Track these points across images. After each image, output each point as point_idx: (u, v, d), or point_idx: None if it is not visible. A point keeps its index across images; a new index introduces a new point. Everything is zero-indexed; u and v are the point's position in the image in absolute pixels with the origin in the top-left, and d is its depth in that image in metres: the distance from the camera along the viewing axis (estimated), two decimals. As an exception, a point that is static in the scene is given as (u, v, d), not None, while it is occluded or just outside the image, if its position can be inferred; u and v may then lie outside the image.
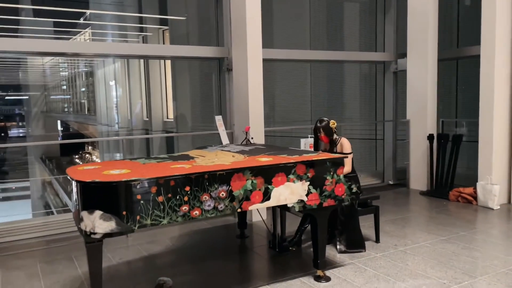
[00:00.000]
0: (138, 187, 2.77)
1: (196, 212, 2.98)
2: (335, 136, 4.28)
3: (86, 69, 29.65)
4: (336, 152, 4.21)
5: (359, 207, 4.39)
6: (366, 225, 4.84)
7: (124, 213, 2.76)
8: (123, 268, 3.95)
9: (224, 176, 3.05)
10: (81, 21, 20.04)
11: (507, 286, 3.37)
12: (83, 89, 31.53)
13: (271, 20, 9.88)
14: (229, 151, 3.99)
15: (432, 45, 6.51)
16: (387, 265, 3.84)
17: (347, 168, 4.15)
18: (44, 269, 3.94)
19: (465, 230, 4.76)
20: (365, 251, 4.20)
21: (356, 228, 4.23)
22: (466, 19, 7.53)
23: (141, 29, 16.80)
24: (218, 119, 4.53)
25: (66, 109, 40.80)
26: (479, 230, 4.81)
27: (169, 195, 2.87)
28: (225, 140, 4.46)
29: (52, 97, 43.19)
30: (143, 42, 16.29)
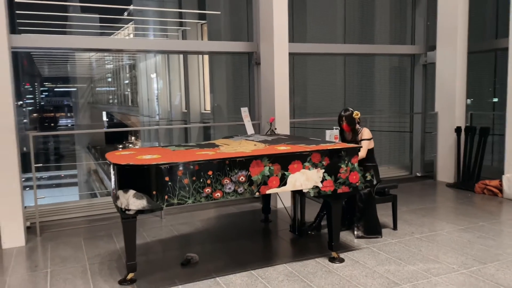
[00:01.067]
0: (166, 170, 3.13)
1: (218, 194, 3.31)
2: (357, 126, 4.49)
3: (129, 62, 30.72)
4: (358, 141, 4.43)
5: (377, 196, 4.59)
6: (385, 213, 5.02)
7: (154, 192, 3.13)
8: (156, 245, 4.35)
9: (243, 162, 3.36)
10: (125, 16, 20.81)
11: (515, 273, 3.51)
12: (126, 81, 32.69)
13: (305, 14, 10.06)
14: (252, 140, 4.30)
15: (461, 37, 6.52)
16: (401, 250, 4.04)
17: (362, 153, 4.36)
18: (87, 243, 4.41)
19: (485, 221, 4.86)
20: (381, 237, 4.40)
21: (373, 215, 4.43)
22: (505, 9, 7.42)
23: (181, 24, 17.32)
24: (244, 111, 4.84)
25: (111, 101, 42.27)
26: (499, 221, 4.89)
27: (194, 178, 3.22)
28: (250, 130, 4.76)
29: (97, 89, 44.98)
30: (182, 36, 16.83)
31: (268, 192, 3.49)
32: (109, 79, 40.77)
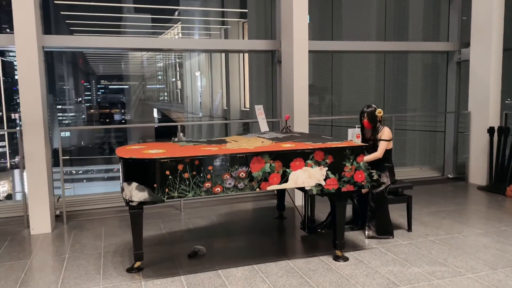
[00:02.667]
0: (166, 164, 3.27)
1: (218, 189, 3.41)
2: (378, 124, 4.43)
3: (177, 61, 31.57)
4: (377, 140, 4.37)
5: (392, 196, 4.51)
6: (403, 214, 4.92)
7: (155, 185, 3.28)
8: (169, 237, 4.53)
9: (243, 159, 3.45)
10: (175, 16, 21.44)
11: (525, 280, 3.36)
12: (173, 79, 33.60)
13: (340, 11, 9.97)
14: (264, 137, 4.37)
15: (497, 34, 6.23)
16: (409, 252, 3.97)
17: (378, 153, 4.31)
18: (107, 232, 4.66)
19: (508, 226, 4.65)
20: (393, 237, 4.34)
21: (385, 216, 4.37)
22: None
23: (223, 23, 17.61)
24: (258, 108, 4.90)
25: (161, 98, 43.57)
26: (524, 227, 4.66)
27: (194, 173, 3.34)
28: (263, 128, 4.82)
29: (148, 86, 46.57)
30: (224, 35, 17.11)
31: (269, 188, 3.55)
32: (160, 77, 42.05)
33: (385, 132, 4.34)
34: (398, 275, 3.48)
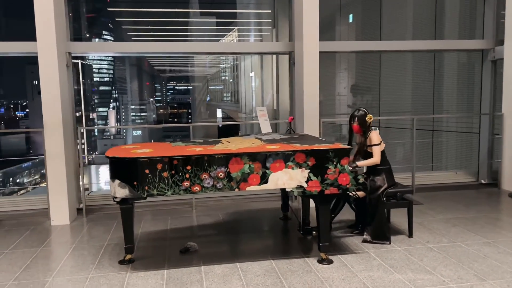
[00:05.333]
0: (145, 163, 3.47)
1: (196, 188, 3.55)
2: (368, 129, 4.33)
3: (235, 63, 32.22)
4: (367, 146, 4.29)
5: (392, 200, 4.39)
6: (413, 220, 4.76)
7: (135, 183, 3.49)
8: (171, 233, 4.74)
9: (222, 159, 3.55)
10: (236, 19, 21.98)
11: (512, 294, 3.15)
12: (231, 80, 34.29)
13: (379, 10, 9.72)
14: (259, 138, 4.43)
15: (532, 30, 5.79)
16: (399, 258, 3.85)
17: (375, 159, 4.23)
18: (117, 226, 4.96)
19: (523, 236, 4.34)
20: (389, 243, 4.22)
21: (381, 221, 4.26)
22: None
23: (274, 24, 17.75)
24: (261, 110, 4.96)
25: (224, 98, 44.66)
26: (541, 238, 4.32)
27: (173, 172, 3.50)
28: (265, 129, 4.87)
29: (210, 87, 47.92)
30: (275, 37, 17.23)
31: (248, 189, 3.62)
32: (223, 78, 43.01)
33: (374, 137, 4.24)
34: (376, 281, 3.41)
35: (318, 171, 3.67)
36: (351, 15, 11.69)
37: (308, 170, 3.66)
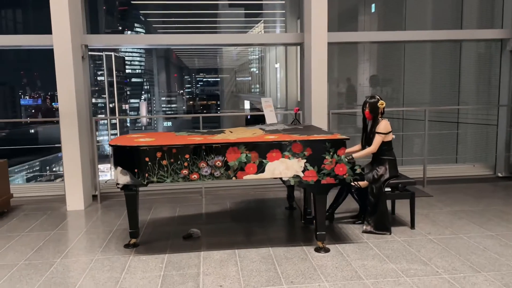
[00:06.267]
0: (145, 151, 3.61)
1: (194, 176, 3.67)
2: (379, 116, 4.33)
3: (261, 54, 32.22)
4: (374, 132, 4.29)
5: (397, 191, 4.39)
6: (418, 211, 4.77)
7: (136, 170, 3.64)
8: (178, 219, 4.89)
9: (219, 149, 3.66)
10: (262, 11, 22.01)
11: (504, 285, 3.13)
12: (257, 72, 34.33)
13: (402, 1, 9.56)
14: (263, 129, 4.51)
15: (552, 18, 5.60)
16: (396, 248, 3.87)
17: (372, 148, 4.24)
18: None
19: (529, 230, 4.26)
20: (390, 234, 4.24)
21: (382, 211, 4.27)
22: None
23: (298, 15, 17.66)
24: (266, 101, 5.01)
25: (252, 90, 44.79)
26: (548, 232, 4.23)
27: (172, 160, 3.63)
28: (270, 120, 4.92)
29: (238, 79, 48.17)
30: (300, 28, 17.16)
31: (245, 178, 3.72)
32: (252, 69, 43.18)
33: (382, 125, 4.23)
34: (368, 270, 3.45)
35: (314, 161, 3.73)
36: (373, 5, 11.52)
37: (305, 160, 3.72)
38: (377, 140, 4.24)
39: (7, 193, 5.26)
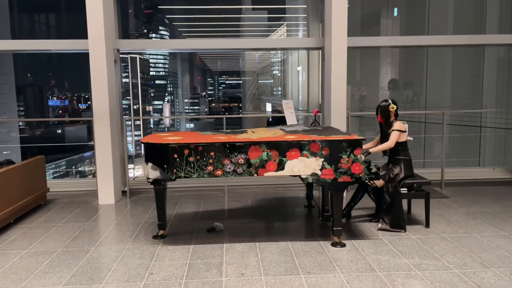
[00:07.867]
0: (174, 149, 3.90)
1: (219, 172, 3.94)
2: (392, 119, 4.52)
3: (284, 57, 32.44)
4: (389, 134, 4.47)
5: (412, 191, 4.55)
6: (434, 212, 4.93)
7: (165, 166, 3.93)
8: (202, 214, 5.17)
9: (242, 147, 3.92)
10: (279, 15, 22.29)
11: None
12: (279, 75, 34.55)
13: (424, 3, 9.65)
14: (283, 130, 4.75)
15: None
16: (410, 245, 4.04)
17: (389, 143, 4.41)
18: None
19: (543, 231, 4.37)
20: (405, 232, 4.41)
21: (398, 210, 4.44)
22: None
23: (321, 19, 17.83)
24: (286, 103, 5.24)
25: (274, 92, 44.99)
26: (562, 233, 4.33)
27: (198, 157, 3.91)
28: (290, 121, 5.14)
29: (259, 81, 48.49)
30: (321, 32, 17.33)
31: (266, 175, 3.96)
32: (275, 72, 43.42)
33: (397, 124, 4.42)
34: (382, 263, 3.64)
35: (332, 160, 3.94)
36: (396, 9, 11.63)
37: (323, 159, 3.94)
38: (394, 136, 4.41)
39: (44, 187, 5.64)
